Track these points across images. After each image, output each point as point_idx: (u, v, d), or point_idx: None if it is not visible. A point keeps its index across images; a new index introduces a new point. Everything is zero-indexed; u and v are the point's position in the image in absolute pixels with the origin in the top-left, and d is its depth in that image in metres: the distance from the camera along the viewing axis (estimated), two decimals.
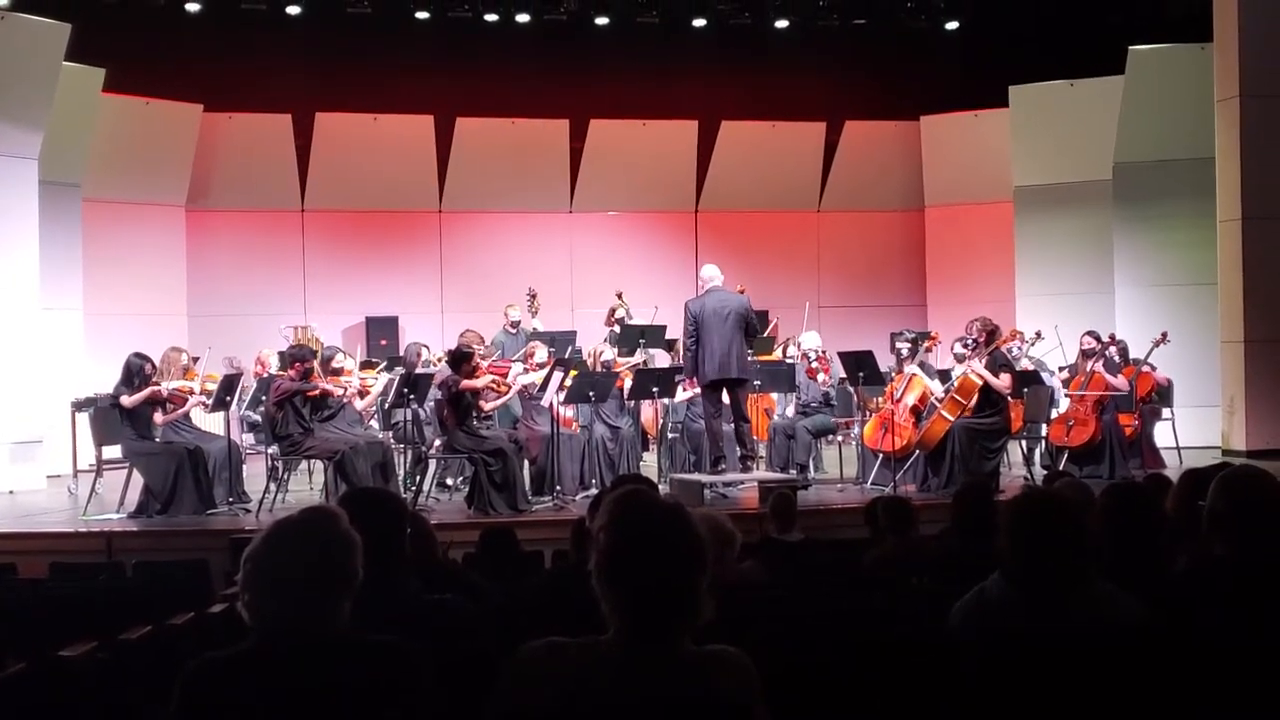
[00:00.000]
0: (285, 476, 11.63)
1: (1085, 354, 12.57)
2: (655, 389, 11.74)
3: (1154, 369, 13.04)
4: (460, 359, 11.02)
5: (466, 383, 10.75)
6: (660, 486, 10.25)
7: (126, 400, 10.71)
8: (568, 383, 11.35)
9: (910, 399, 11.67)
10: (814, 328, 14.47)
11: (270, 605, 2.85)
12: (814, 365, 12.63)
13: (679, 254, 18.00)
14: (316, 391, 10.91)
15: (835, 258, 18.76)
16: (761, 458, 12.09)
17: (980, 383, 11.08)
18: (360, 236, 17.56)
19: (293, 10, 16.03)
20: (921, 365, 12.20)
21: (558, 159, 17.88)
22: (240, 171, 17.08)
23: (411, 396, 11.32)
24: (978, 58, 17.23)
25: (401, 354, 13.59)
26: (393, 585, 3.70)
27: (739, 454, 11.11)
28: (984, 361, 11.14)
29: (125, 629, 4.92)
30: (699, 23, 17.23)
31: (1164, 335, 12.94)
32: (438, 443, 11.23)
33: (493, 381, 11.38)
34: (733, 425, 11.21)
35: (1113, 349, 13.05)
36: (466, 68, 17.60)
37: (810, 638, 4.10)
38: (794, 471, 11.83)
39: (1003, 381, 11.07)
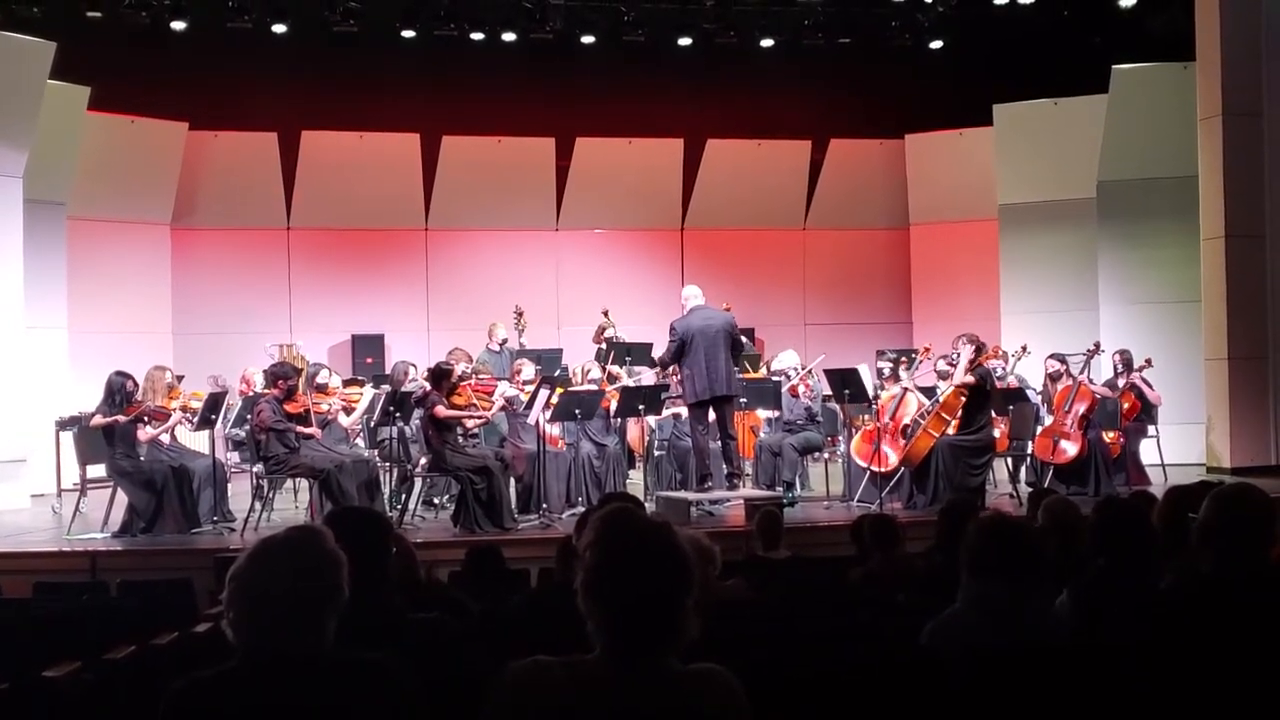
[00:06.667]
0: (270, 495, 11.60)
1: (1052, 378, 12.61)
2: (641, 407, 11.74)
3: (1148, 385, 13.02)
4: (440, 376, 11.01)
5: (440, 410, 10.74)
6: (646, 504, 10.25)
7: (94, 421, 10.72)
8: (554, 400, 11.34)
9: (907, 416, 11.69)
10: (801, 346, 14.50)
11: (255, 624, 2.85)
12: (795, 383, 12.63)
13: (665, 272, 18.03)
14: (296, 415, 10.92)
15: (821, 275, 18.80)
16: (748, 475, 12.09)
17: (964, 400, 11.11)
18: (346, 255, 17.55)
19: (278, 29, 16.01)
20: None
21: (544, 177, 17.91)
22: (226, 190, 17.06)
23: (397, 415, 11.31)
24: (962, 76, 17.30)
25: (388, 372, 13.57)
26: (378, 603, 3.70)
27: (725, 472, 11.11)
28: (966, 365, 11.17)
29: (110, 649, 4.91)
30: (684, 41, 17.25)
31: (1148, 361, 12.98)
32: (423, 461, 11.21)
33: (472, 403, 11.35)
34: (719, 443, 11.22)
35: (1115, 358, 13.11)
36: (452, 86, 17.62)
37: (796, 656, 4.10)
38: (780, 489, 11.83)
39: (966, 378, 11.06)
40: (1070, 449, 12.16)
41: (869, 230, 18.81)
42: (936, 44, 17.46)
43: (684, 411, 11.79)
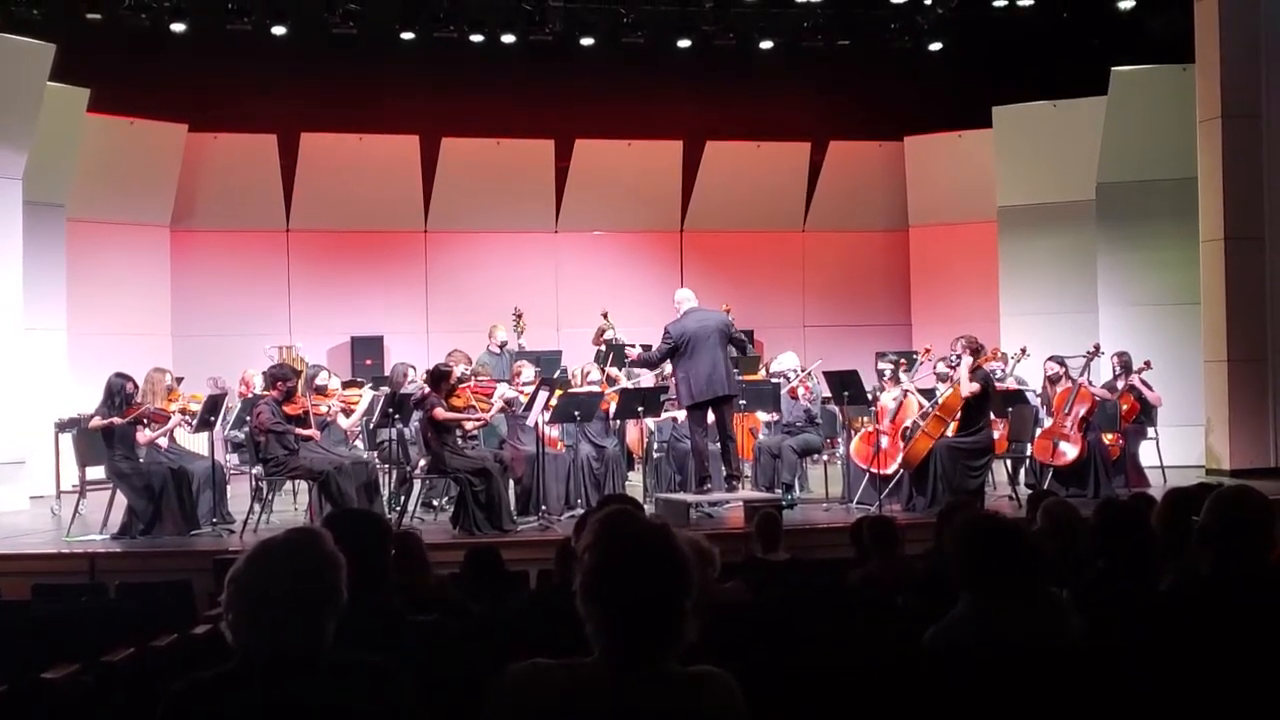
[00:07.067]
0: (270, 497, 11.60)
1: (1051, 380, 12.62)
2: (641, 409, 11.73)
3: (1147, 387, 13.04)
4: (439, 377, 11.01)
5: (438, 412, 10.74)
6: (645, 506, 10.26)
7: (92, 423, 10.73)
8: (553, 402, 11.34)
9: (907, 419, 11.69)
10: (801, 348, 14.50)
11: (254, 626, 2.85)
12: (794, 385, 12.63)
13: (664, 274, 18.00)
14: (294, 417, 10.92)
15: (820, 277, 18.80)
16: (747, 477, 12.09)
17: (962, 401, 11.11)
18: (345, 257, 17.55)
19: (278, 30, 16.00)
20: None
21: (543, 179, 17.91)
22: (225, 192, 17.05)
23: (397, 416, 11.31)
24: (961, 78, 17.30)
25: (387, 374, 13.58)
26: (376, 606, 3.70)
27: (724, 473, 11.11)
28: (969, 370, 11.18)
29: (108, 651, 4.90)
30: (684, 43, 17.26)
31: (1147, 363, 12.99)
32: (422, 463, 11.21)
33: (471, 405, 11.34)
34: (719, 444, 11.22)
35: (1114, 360, 13.13)
36: (452, 88, 17.62)
37: (795, 658, 4.10)
38: (779, 491, 11.83)
39: (970, 386, 11.07)
40: (1070, 451, 12.16)
41: (868, 232, 18.82)
42: (936, 46, 17.46)
43: (681, 415, 11.79)
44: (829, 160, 18.49)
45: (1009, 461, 12.33)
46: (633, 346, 12.04)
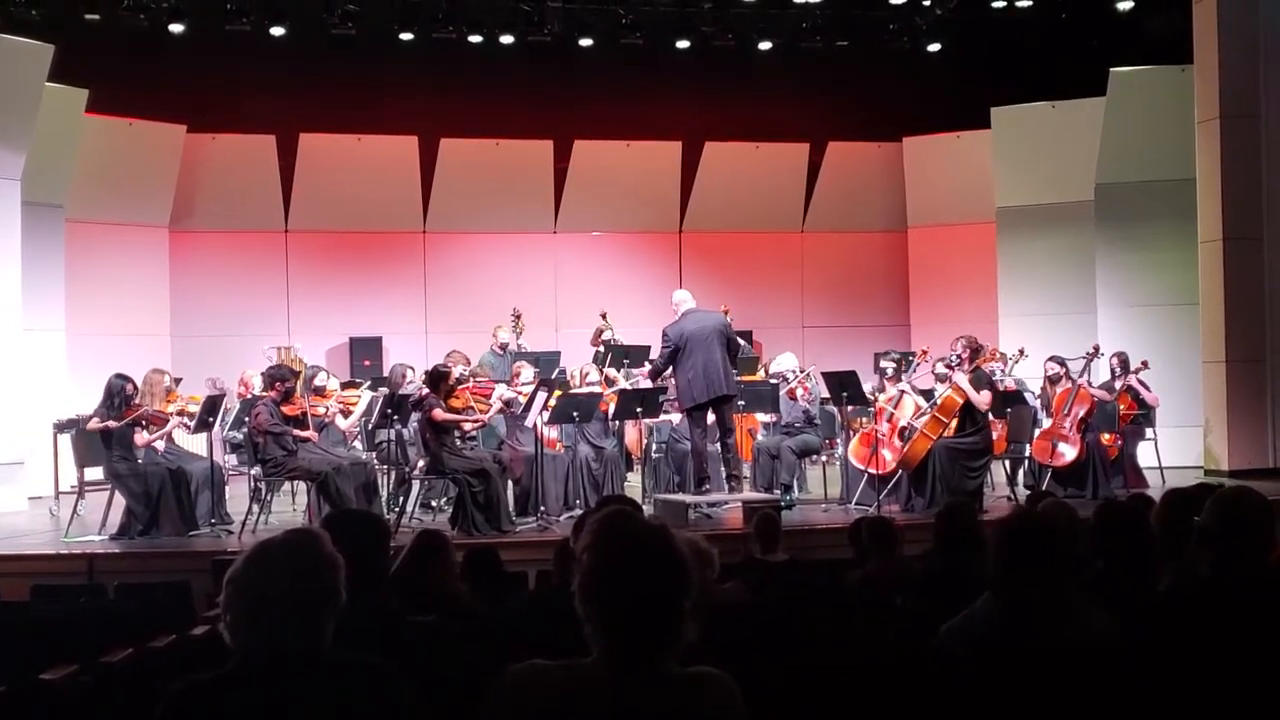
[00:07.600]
0: (268, 498, 11.58)
1: (1051, 380, 12.62)
2: (639, 409, 11.73)
3: (1144, 387, 13.06)
4: (437, 378, 11.01)
5: (437, 413, 10.74)
6: (644, 507, 10.25)
7: (89, 425, 10.72)
8: (552, 403, 11.34)
9: (904, 419, 11.68)
10: (799, 349, 14.48)
11: (253, 626, 2.85)
12: (793, 386, 12.62)
13: (663, 274, 17.99)
14: (293, 418, 10.92)
15: (819, 278, 18.80)
16: (746, 478, 12.08)
17: (961, 401, 11.10)
18: (344, 257, 17.54)
19: (277, 31, 15.99)
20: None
21: (542, 180, 17.90)
22: (224, 192, 17.04)
23: (395, 417, 11.30)
24: (960, 79, 17.31)
25: (386, 375, 13.57)
26: (375, 606, 3.70)
27: (723, 474, 11.10)
28: (967, 378, 11.17)
29: (107, 651, 4.90)
30: (683, 44, 17.26)
31: (1144, 363, 13.01)
32: (421, 464, 11.20)
33: (470, 406, 11.33)
34: (718, 444, 11.22)
35: (1112, 360, 13.14)
36: (451, 89, 17.63)
37: (794, 659, 4.09)
38: (778, 491, 11.83)
39: (983, 398, 11.08)
40: (1069, 453, 12.16)
41: (867, 233, 18.82)
42: (934, 47, 17.46)
43: (678, 417, 11.77)
44: (828, 161, 18.49)
45: (1008, 462, 12.34)
46: (635, 375, 12.06)
